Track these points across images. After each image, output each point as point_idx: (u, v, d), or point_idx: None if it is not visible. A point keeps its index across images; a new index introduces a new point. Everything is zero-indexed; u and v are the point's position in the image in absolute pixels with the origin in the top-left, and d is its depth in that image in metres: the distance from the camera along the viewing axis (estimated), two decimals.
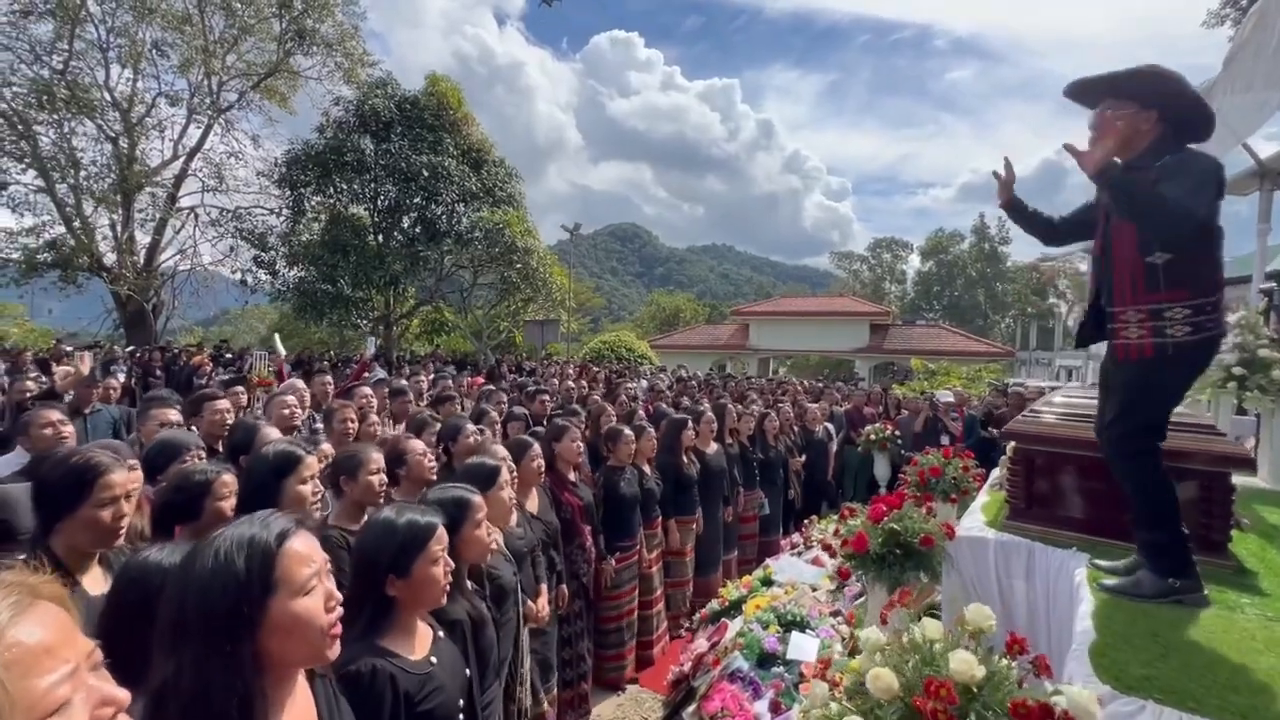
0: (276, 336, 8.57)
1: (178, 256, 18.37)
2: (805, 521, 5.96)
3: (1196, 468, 2.23)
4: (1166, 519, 1.88)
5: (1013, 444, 2.69)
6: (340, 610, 1.03)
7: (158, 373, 10.90)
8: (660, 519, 4.12)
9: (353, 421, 3.37)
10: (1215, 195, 1.73)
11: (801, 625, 3.34)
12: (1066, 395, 2.90)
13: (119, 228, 16.59)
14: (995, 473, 3.57)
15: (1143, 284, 1.82)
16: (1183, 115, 1.85)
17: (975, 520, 2.73)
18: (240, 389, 4.55)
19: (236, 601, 0.88)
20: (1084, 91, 1.98)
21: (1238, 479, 2.66)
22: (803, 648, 3.11)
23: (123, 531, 1.51)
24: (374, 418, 3.80)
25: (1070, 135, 2.01)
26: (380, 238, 19.06)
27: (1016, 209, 2.26)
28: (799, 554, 4.94)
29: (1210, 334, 1.79)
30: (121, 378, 9.40)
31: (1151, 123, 1.85)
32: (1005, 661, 1.27)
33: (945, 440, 6.70)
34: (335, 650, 1.01)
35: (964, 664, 1.16)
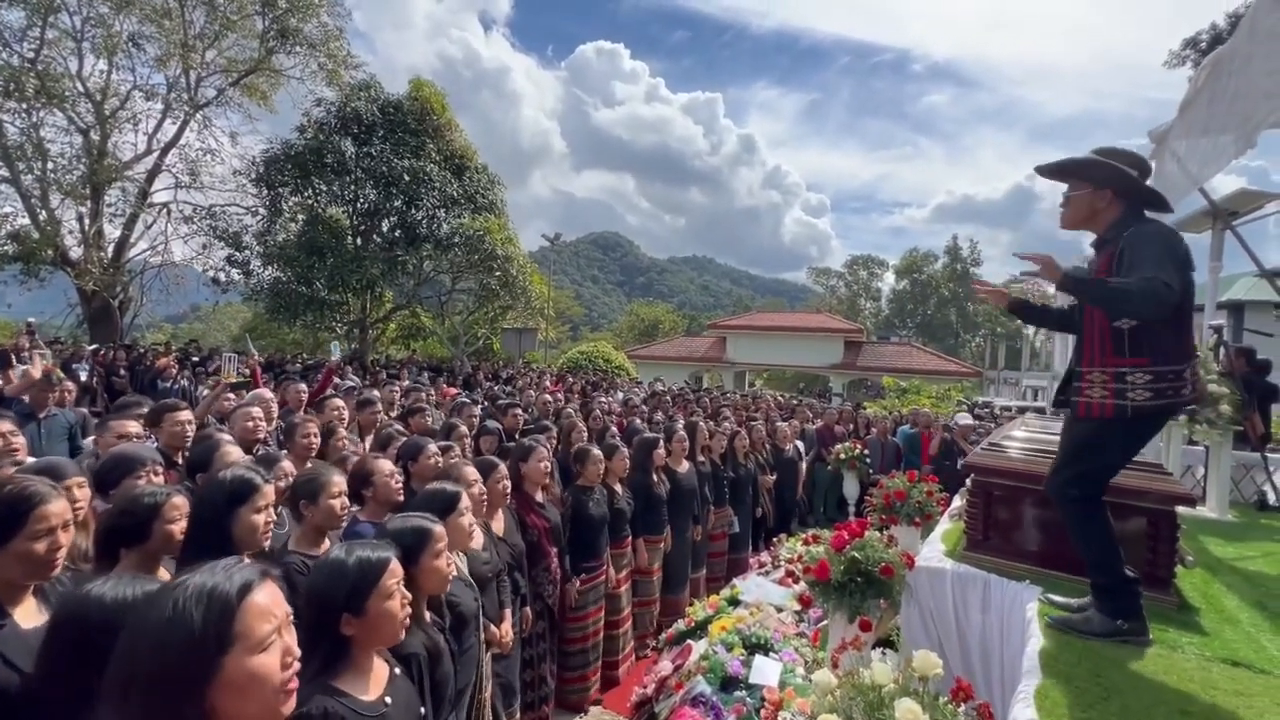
0: (248, 338, 8.25)
1: (148, 252, 17.93)
2: (774, 540, 6.01)
3: (1143, 505, 2.30)
4: (1107, 565, 1.95)
5: (972, 476, 2.75)
6: (297, 665, 1.00)
7: (121, 372, 10.59)
8: (629, 538, 4.11)
9: (315, 437, 3.29)
10: (1182, 266, 1.83)
11: (765, 648, 3.36)
12: (1026, 429, 2.97)
13: (86, 221, 16.13)
14: (956, 501, 3.64)
15: (1110, 348, 1.93)
16: (1135, 194, 2.00)
17: (935, 550, 2.78)
18: (232, 396, 4.43)
19: (189, 657, 0.85)
20: (1050, 174, 2.16)
21: (1185, 510, 2.75)
22: (765, 672, 3.11)
23: (59, 563, 1.46)
24: (341, 431, 3.73)
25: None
26: (359, 240, 18.78)
27: (1024, 310, 2.33)
28: (767, 573, 4.97)
29: (1170, 401, 1.88)
30: (84, 376, 9.12)
31: (1107, 200, 2.00)
32: (951, 707, 1.30)
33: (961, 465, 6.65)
34: (290, 706, 0.99)
35: (910, 713, 1.18)
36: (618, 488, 4.02)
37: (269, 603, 0.95)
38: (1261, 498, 4.43)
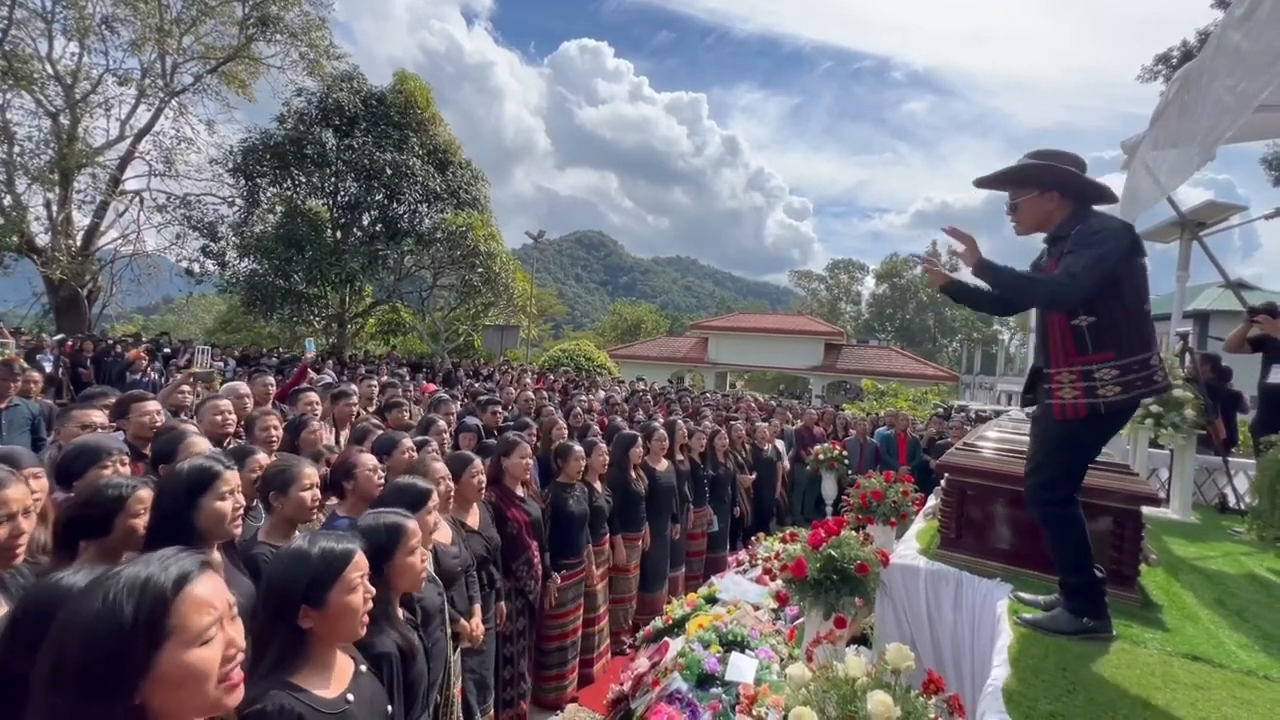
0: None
1: (119, 241, 17.46)
2: (752, 539, 6.04)
3: (1110, 504, 2.36)
4: (1079, 564, 1.98)
5: (947, 475, 2.79)
6: (241, 658, 0.96)
7: (87, 364, 10.31)
8: (608, 536, 4.11)
9: (276, 429, 3.21)
10: (1122, 256, 1.84)
11: (742, 645, 3.37)
12: (999, 430, 3.02)
13: (54, 207, 15.68)
14: (931, 500, 3.69)
15: (1073, 346, 1.93)
16: (1080, 190, 2.01)
17: (909, 548, 2.81)
18: (186, 389, 4.32)
19: (118, 652, 0.81)
20: (992, 184, 2.16)
21: (1150, 511, 2.82)
22: (741, 669, 3.13)
23: (20, 551, 1.41)
24: (315, 424, 3.67)
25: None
26: (339, 234, 18.51)
27: (958, 290, 2.20)
28: (744, 571, 5.00)
29: (1139, 393, 1.88)
30: (48, 368, 8.86)
31: (1056, 201, 2.02)
32: (922, 699, 1.31)
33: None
34: (234, 699, 0.94)
35: (881, 705, 1.19)
36: (597, 485, 4.02)
37: (208, 594, 0.90)
38: (1222, 500, 4.56)
